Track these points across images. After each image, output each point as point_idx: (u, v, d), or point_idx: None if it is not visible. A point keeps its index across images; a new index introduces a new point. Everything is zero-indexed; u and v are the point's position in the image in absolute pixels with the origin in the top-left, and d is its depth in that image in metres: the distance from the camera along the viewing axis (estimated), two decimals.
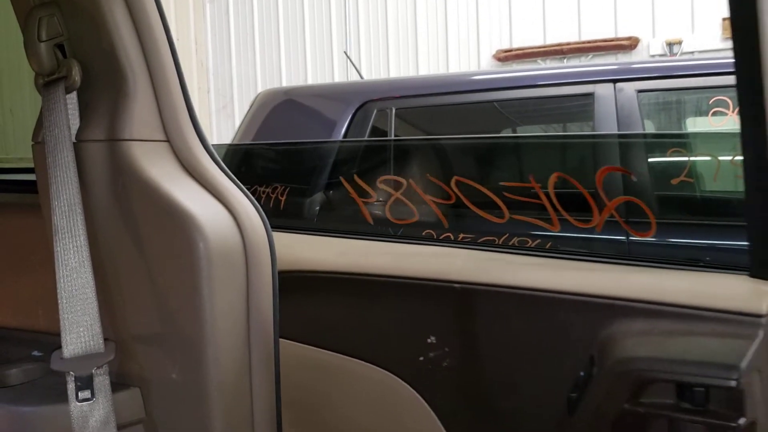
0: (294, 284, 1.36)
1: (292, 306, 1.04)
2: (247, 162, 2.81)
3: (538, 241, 1.58)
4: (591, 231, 1.46)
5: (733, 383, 0.97)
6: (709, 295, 1.05)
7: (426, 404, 1.29)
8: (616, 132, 2.57)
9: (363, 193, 1.80)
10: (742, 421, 0.98)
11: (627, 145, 1.77)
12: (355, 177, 1.84)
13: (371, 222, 1.79)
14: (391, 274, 1.34)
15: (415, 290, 1.31)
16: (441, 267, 1.32)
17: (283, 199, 2.21)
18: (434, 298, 1.29)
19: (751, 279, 1.07)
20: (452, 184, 1.68)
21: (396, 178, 1.79)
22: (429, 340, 1.27)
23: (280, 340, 1.06)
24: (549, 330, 1.18)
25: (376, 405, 1.36)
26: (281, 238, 1.08)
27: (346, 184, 1.86)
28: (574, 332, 1.15)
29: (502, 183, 1.66)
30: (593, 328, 1.12)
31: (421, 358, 1.28)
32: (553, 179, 1.52)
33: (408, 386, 1.31)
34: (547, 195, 1.48)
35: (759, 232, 1.03)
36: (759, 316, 1.00)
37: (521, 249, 1.41)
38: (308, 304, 1.42)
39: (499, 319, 1.24)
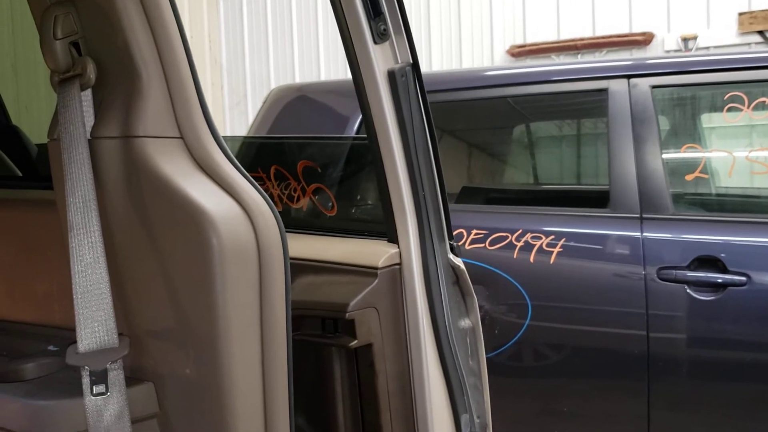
0: None
1: None
2: None
3: None
4: (300, 209, 1.89)
5: (346, 315, 1.36)
6: (354, 255, 1.45)
7: None
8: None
9: None
10: (353, 343, 1.38)
11: (319, 144, 2.20)
12: None
13: None
14: None
15: None
16: None
17: None
18: None
19: (386, 243, 1.45)
20: None
21: None
22: None
23: None
24: None
25: None
26: None
27: None
28: None
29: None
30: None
31: None
32: (272, 170, 1.94)
33: None
34: (270, 182, 1.94)
35: (386, 210, 1.43)
36: (376, 268, 1.39)
37: None
38: None
39: None
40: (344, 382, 1.49)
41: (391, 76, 1.37)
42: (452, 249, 1.48)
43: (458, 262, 1.47)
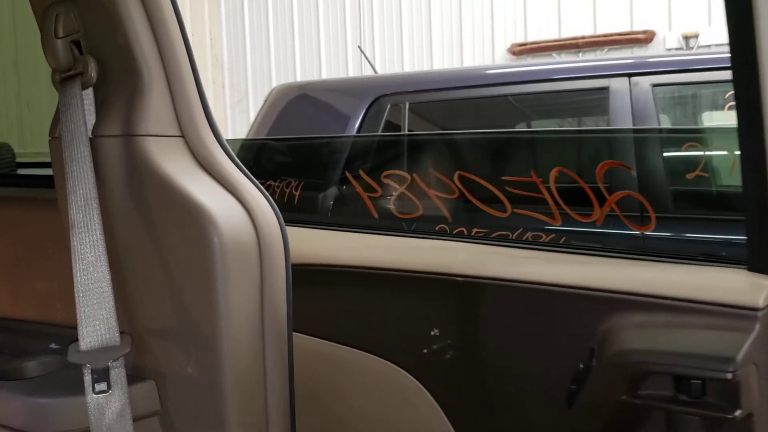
0: (302, 277, 1.38)
1: (300, 299, 1.10)
2: (260, 156, 2.83)
3: (540, 234, 1.61)
4: (592, 225, 1.47)
5: (729, 375, 0.97)
6: (707, 288, 1.06)
7: (428, 394, 1.31)
8: (628, 127, 2.57)
9: (368, 188, 1.85)
10: (738, 413, 0.98)
11: (629, 140, 1.82)
12: (361, 173, 1.88)
13: (376, 216, 1.82)
14: (395, 267, 1.36)
15: (419, 283, 1.33)
16: (444, 261, 1.34)
17: (297, 193, 2.23)
18: (437, 291, 1.32)
19: (749, 273, 1.08)
20: (455, 178, 1.70)
21: (400, 173, 1.80)
22: (432, 333, 1.30)
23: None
24: (549, 322, 1.19)
25: (380, 395, 1.38)
26: (293, 233, 1.10)
27: (352, 180, 1.90)
28: (574, 325, 1.16)
29: (503, 178, 1.66)
30: (592, 321, 1.12)
31: (424, 350, 1.30)
32: (554, 174, 1.53)
33: (411, 377, 1.33)
34: (548, 189, 1.52)
35: (756, 226, 1.05)
36: (755, 309, 1.00)
37: (522, 243, 1.44)
38: (315, 297, 1.44)
39: (500, 311, 1.25)
40: None
41: None
42: None
43: None
